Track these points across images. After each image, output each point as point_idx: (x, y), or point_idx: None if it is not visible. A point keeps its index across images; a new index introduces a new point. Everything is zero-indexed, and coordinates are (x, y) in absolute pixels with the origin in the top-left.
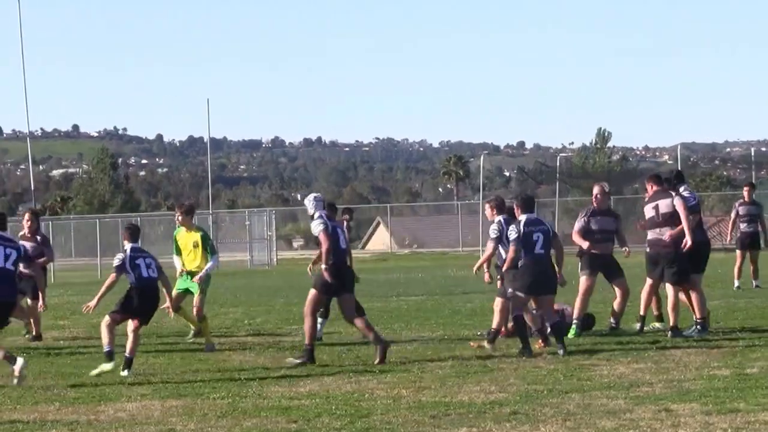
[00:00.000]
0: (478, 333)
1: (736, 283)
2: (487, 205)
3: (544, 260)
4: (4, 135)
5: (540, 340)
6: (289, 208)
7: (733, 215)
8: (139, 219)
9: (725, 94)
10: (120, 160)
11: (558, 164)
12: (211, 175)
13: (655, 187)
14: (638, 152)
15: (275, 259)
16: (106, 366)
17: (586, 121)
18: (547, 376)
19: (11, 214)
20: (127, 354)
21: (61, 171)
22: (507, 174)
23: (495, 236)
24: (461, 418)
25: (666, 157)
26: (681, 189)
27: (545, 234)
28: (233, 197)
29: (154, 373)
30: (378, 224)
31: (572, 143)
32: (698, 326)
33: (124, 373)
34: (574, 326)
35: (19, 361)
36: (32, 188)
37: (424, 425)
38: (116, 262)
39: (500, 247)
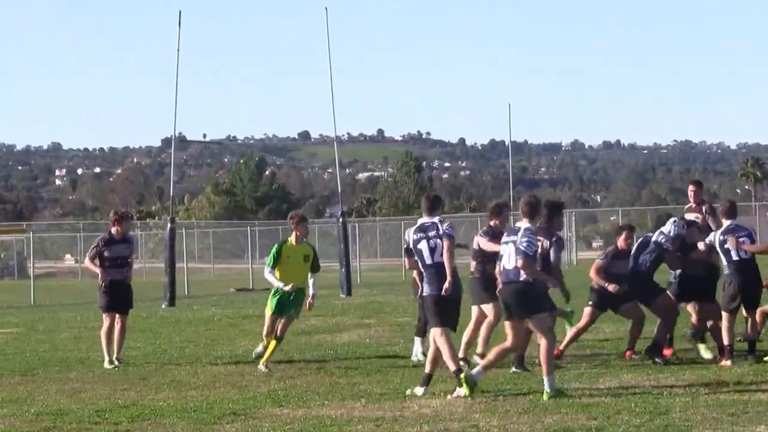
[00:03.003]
0: None
1: None
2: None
3: None
4: (312, 140)
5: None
6: (589, 210)
7: None
8: None
9: None
10: (424, 163)
11: None
12: (512, 177)
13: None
14: None
15: (575, 260)
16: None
17: None
18: None
19: (318, 216)
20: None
21: (366, 174)
22: None
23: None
24: (759, 416)
25: None
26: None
27: None
28: None
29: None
30: None
31: None
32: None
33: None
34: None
35: (418, 390)
36: (339, 191)
37: (723, 422)
38: None
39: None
